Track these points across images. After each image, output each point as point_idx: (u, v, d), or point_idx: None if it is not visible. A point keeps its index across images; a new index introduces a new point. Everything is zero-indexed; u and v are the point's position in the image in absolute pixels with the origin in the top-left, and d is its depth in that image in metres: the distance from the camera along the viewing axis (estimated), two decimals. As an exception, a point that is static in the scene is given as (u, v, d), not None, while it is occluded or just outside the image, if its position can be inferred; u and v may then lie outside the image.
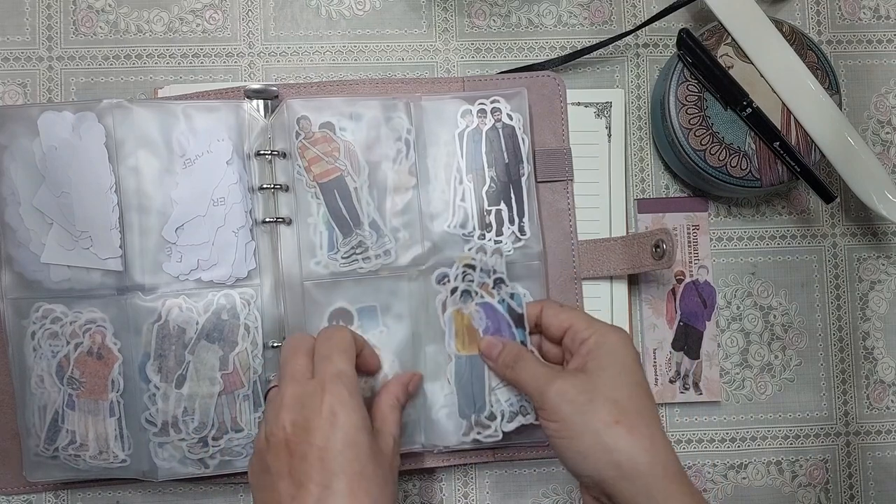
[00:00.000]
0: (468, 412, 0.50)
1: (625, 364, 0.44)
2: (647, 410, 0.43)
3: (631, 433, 0.41)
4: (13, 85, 0.57)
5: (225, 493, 0.55)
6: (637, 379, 0.44)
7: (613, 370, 0.44)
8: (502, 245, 0.53)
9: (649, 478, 0.41)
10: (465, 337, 0.51)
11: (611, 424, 0.42)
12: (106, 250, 0.51)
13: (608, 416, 0.42)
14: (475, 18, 0.59)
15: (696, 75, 0.53)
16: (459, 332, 0.51)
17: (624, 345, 0.45)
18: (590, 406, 0.42)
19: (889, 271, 0.59)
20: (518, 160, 0.54)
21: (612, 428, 0.41)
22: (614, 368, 0.44)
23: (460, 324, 0.51)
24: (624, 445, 0.41)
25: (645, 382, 0.45)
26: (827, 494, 0.58)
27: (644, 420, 0.42)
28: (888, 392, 0.59)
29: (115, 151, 0.51)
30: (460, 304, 0.51)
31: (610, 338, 0.45)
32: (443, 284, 0.52)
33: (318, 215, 0.52)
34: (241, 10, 0.58)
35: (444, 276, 0.52)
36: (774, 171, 0.53)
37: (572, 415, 0.42)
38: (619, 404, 0.42)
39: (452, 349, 0.51)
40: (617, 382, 0.43)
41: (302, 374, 0.44)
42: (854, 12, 0.60)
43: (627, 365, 0.44)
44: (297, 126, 0.52)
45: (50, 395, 0.51)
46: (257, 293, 0.52)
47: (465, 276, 0.51)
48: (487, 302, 0.50)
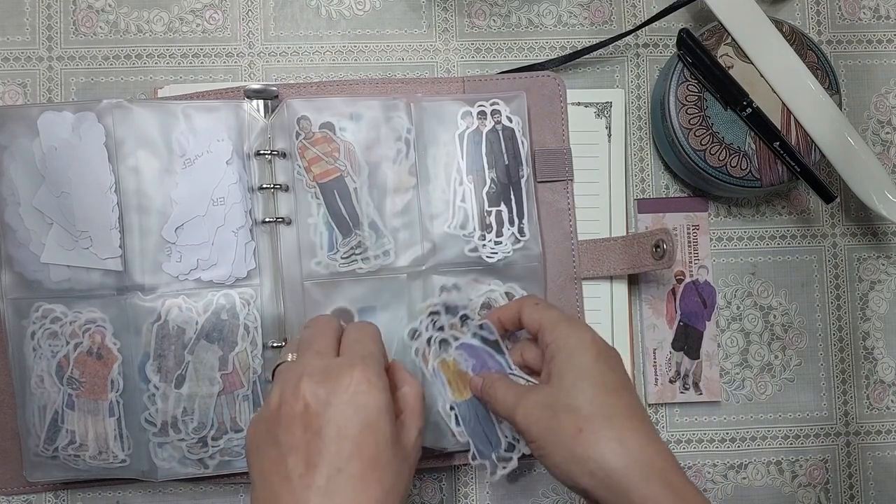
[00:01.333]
0: (487, 453, 0.48)
1: (583, 367, 0.42)
2: (615, 411, 0.41)
3: (597, 440, 0.40)
4: (13, 85, 0.57)
5: (225, 493, 0.55)
6: (599, 380, 0.42)
7: (571, 375, 0.42)
8: (486, 251, 0.53)
9: (624, 482, 0.39)
10: (458, 383, 0.49)
11: (575, 434, 0.40)
12: (106, 250, 0.51)
13: (571, 426, 0.40)
14: (475, 18, 0.59)
15: (696, 75, 0.53)
16: (452, 381, 0.49)
17: (582, 346, 0.43)
18: (554, 420, 0.41)
19: (889, 271, 0.59)
20: (518, 162, 0.54)
21: (577, 438, 0.40)
22: (572, 373, 0.42)
23: (449, 372, 0.49)
24: (592, 453, 0.39)
25: (613, 381, 0.42)
26: (827, 494, 0.58)
27: (610, 423, 0.40)
28: (888, 392, 0.59)
29: (115, 151, 0.51)
30: (442, 354, 0.49)
31: (568, 341, 0.44)
32: (415, 339, 0.51)
33: (317, 215, 0.52)
34: (241, 10, 0.58)
35: (414, 332, 0.51)
36: (774, 171, 0.53)
37: (541, 432, 0.41)
38: (580, 412, 0.41)
39: (451, 399, 0.49)
40: (576, 388, 0.42)
41: (328, 352, 0.42)
42: (854, 12, 0.60)
43: (585, 367, 0.42)
44: (298, 126, 0.52)
45: (50, 395, 0.51)
46: (257, 293, 0.52)
47: (434, 324, 0.50)
48: (464, 342, 0.49)
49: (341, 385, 0.39)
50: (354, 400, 0.39)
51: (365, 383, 0.40)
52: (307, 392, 0.39)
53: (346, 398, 0.39)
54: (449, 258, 0.53)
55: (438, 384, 0.49)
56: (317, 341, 0.43)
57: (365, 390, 0.39)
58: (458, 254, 0.53)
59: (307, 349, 0.43)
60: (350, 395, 0.39)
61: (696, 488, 0.40)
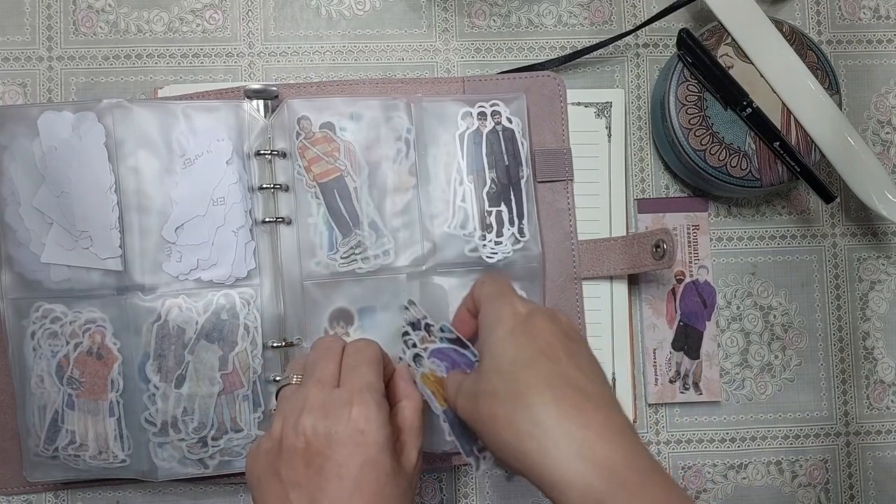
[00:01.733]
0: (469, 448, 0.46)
1: (497, 345, 0.39)
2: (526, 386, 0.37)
3: (510, 423, 0.36)
4: (13, 85, 0.57)
5: (225, 493, 0.55)
6: (512, 355, 0.38)
7: (488, 356, 0.40)
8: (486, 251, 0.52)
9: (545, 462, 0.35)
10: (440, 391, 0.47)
11: (493, 421, 0.37)
12: (106, 250, 0.51)
13: (488, 412, 0.38)
14: (475, 18, 0.59)
15: (696, 75, 0.53)
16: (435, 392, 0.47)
17: (498, 321, 0.40)
18: (476, 409, 0.39)
19: (889, 271, 0.59)
20: (518, 163, 0.54)
21: (495, 424, 0.37)
22: (488, 354, 0.40)
23: (430, 383, 0.47)
24: (508, 438, 0.36)
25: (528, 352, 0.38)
26: (827, 494, 0.58)
27: (522, 400, 0.36)
28: (888, 392, 0.59)
29: (115, 151, 0.51)
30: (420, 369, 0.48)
31: (489, 315, 0.41)
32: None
33: (318, 215, 0.52)
34: (241, 10, 0.58)
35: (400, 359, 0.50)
36: (774, 171, 0.53)
37: (474, 423, 0.39)
38: (496, 394, 0.38)
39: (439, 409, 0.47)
40: (490, 370, 0.39)
41: (328, 381, 0.42)
42: (854, 12, 0.60)
43: (500, 345, 0.39)
44: (298, 126, 0.52)
45: (50, 394, 0.51)
46: (257, 293, 0.52)
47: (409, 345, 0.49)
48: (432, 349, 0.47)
49: (340, 422, 0.40)
50: (354, 438, 0.39)
51: (363, 420, 0.40)
52: (307, 428, 0.40)
53: (346, 436, 0.39)
54: (449, 258, 0.53)
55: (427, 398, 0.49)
56: (318, 368, 0.43)
57: (363, 428, 0.39)
58: (458, 254, 0.53)
59: (309, 377, 0.43)
60: (350, 433, 0.39)
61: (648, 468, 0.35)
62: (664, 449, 0.57)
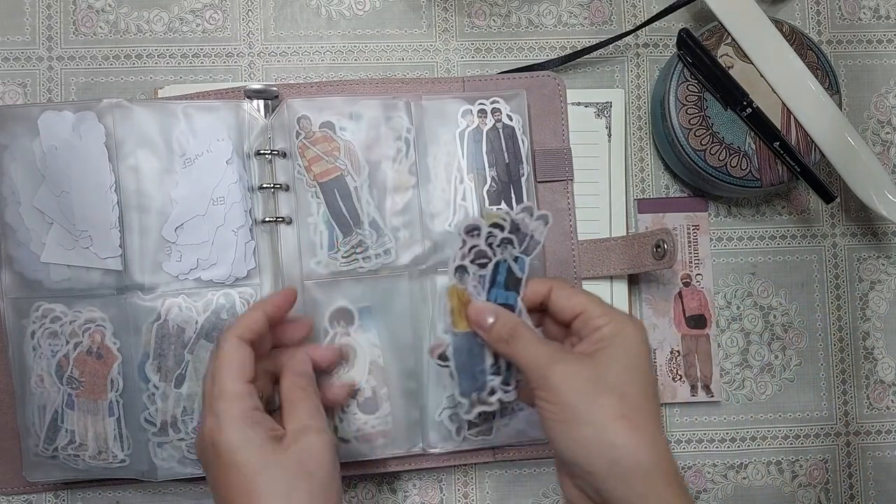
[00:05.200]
0: (468, 391, 0.46)
1: (638, 359, 0.42)
2: (654, 409, 0.41)
3: (636, 430, 0.40)
4: (13, 85, 0.57)
5: (225, 493, 0.55)
6: (648, 376, 0.42)
7: (625, 362, 0.42)
8: None
9: (648, 478, 0.39)
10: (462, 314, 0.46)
11: (616, 419, 0.40)
12: (106, 250, 0.51)
13: (613, 409, 0.40)
14: (475, 18, 0.59)
15: (696, 75, 0.53)
16: (457, 310, 0.46)
17: (640, 338, 0.43)
18: (595, 396, 0.40)
19: (889, 271, 0.59)
20: (518, 160, 0.54)
21: (617, 422, 0.40)
22: (626, 360, 0.42)
23: (456, 300, 0.46)
24: (626, 442, 0.39)
25: (655, 381, 0.43)
26: (827, 494, 0.58)
27: (649, 419, 0.40)
28: (888, 392, 0.59)
29: (115, 151, 0.51)
30: (455, 281, 0.46)
31: (626, 329, 0.43)
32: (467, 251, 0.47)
33: (318, 215, 0.52)
34: (241, 10, 0.58)
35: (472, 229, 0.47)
36: (774, 171, 0.53)
37: (576, 402, 0.40)
38: (626, 399, 0.40)
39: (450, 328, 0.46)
40: (627, 376, 0.41)
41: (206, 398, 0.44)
42: (854, 12, 0.60)
43: (641, 360, 0.42)
44: (298, 126, 0.52)
45: (49, 394, 0.51)
46: (257, 293, 0.52)
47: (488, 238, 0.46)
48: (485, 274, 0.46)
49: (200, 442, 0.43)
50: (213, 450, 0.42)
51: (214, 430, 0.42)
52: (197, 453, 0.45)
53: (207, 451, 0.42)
54: (449, 257, 0.53)
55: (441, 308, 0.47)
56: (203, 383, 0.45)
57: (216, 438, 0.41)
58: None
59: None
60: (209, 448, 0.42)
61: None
62: (664, 449, 0.57)
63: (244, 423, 0.42)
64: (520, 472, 0.57)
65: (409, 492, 0.56)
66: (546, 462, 0.56)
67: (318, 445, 0.42)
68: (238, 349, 0.43)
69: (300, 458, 0.41)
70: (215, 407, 0.42)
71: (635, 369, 0.42)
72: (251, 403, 0.42)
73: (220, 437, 0.41)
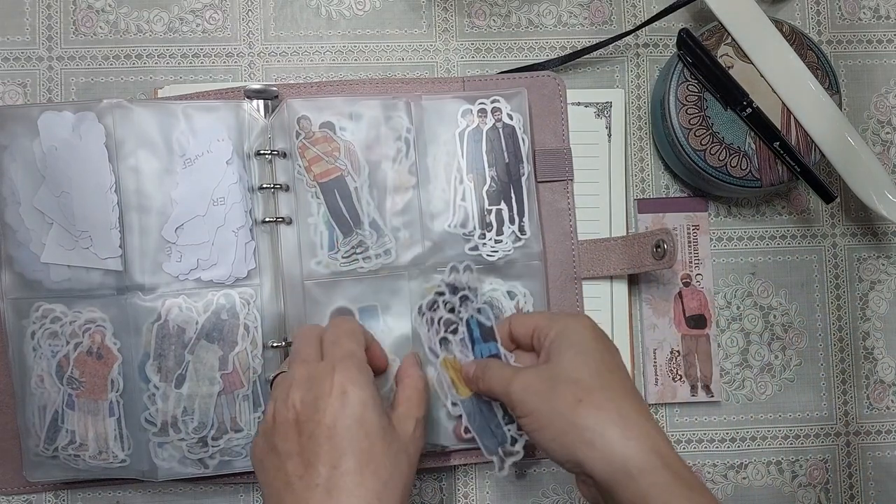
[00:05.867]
0: (493, 448, 0.48)
1: (584, 345, 0.44)
2: (615, 386, 0.42)
3: (597, 409, 0.40)
4: (13, 85, 0.57)
5: (225, 493, 0.55)
6: (598, 358, 0.43)
7: (573, 352, 0.43)
8: (486, 250, 0.53)
9: (624, 451, 0.39)
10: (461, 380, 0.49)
11: (575, 404, 0.41)
12: (106, 250, 0.51)
13: (571, 396, 0.41)
14: (475, 18, 0.59)
15: (696, 75, 0.53)
16: (455, 379, 0.49)
17: (583, 328, 0.45)
18: (553, 392, 0.42)
19: (889, 271, 0.59)
20: (518, 160, 0.54)
21: (577, 407, 0.41)
22: (574, 350, 0.43)
23: (451, 370, 0.49)
24: (591, 422, 0.40)
25: (612, 361, 0.44)
26: (827, 494, 0.58)
27: (609, 395, 0.41)
28: (888, 392, 0.59)
29: (115, 151, 0.51)
30: (443, 353, 0.50)
31: (570, 324, 0.45)
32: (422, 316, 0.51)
33: (318, 215, 0.52)
34: (241, 10, 0.58)
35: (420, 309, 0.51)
36: (774, 171, 0.53)
37: (539, 405, 0.42)
38: (580, 383, 0.42)
39: (456, 397, 0.49)
40: (577, 363, 0.43)
41: (312, 358, 0.44)
42: (854, 12, 0.60)
43: (587, 346, 0.44)
44: (298, 126, 0.52)
45: (49, 394, 0.51)
46: (257, 293, 0.52)
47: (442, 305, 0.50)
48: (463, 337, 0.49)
49: (324, 389, 0.42)
50: (339, 400, 0.41)
51: (348, 382, 0.42)
52: (296, 400, 0.42)
53: (332, 399, 0.41)
54: (449, 257, 0.53)
55: (444, 383, 0.49)
56: (302, 350, 0.45)
57: (348, 388, 0.42)
58: (458, 252, 0.53)
59: (294, 359, 0.45)
60: (335, 396, 0.41)
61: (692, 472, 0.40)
62: (664, 449, 0.57)
63: (374, 386, 0.43)
64: (519, 472, 0.57)
65: (412, 485, 0.56)
66: (546, 462, 0.57)
67: (421, 440, 0.45)
68: (360, 328, 0.47)
69: (408, 441, 0.43)
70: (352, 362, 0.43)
71: (585, 356, 0.43)
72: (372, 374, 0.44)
73: (356, 389, 0.42)
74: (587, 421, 0.40)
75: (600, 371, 0.42)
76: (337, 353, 0.44)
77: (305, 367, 0.43)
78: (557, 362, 0.43)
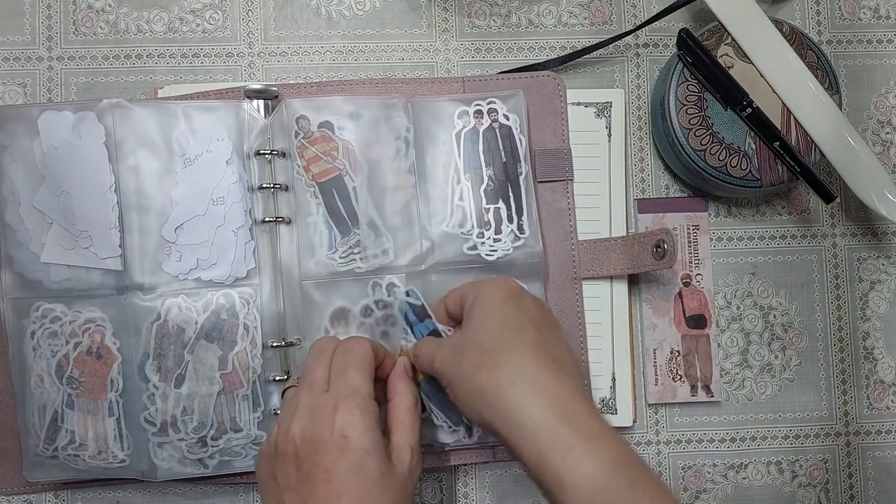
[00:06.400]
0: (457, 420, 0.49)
1: (489, 308, 0.44)
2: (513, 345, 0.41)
3: (493, 369, 0.40)
4: (13, 85, 0.57)
5: (225, 493, 0.55)
6: (503, 319, 0.43)
7: (478, 317, 0.44)
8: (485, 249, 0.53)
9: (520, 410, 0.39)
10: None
11: (477, 367, 0.41)
12: (105, 250, 0.51)
13: (474, 359, 0.41)
14: (475, 18, 0.59)
15: (696, 75, 0.53)
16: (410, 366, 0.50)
17: (493, 290, 0.45)
18: (460, 358, 0.42)
19: (889, 271, 0.59)
20: (515, 159, 0.54)
21: (479, 371, 0.41)
22: (479, 315, 0.44)
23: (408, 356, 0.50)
24: (488, 384, 0.40)
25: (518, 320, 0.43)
26: (827, 494, 0.58)
27: (507, 355, 0.41)
28: (888, 392, 0.58)
29: (115, 151, 0.51)
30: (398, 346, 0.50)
31: (482, 288, 0.45)
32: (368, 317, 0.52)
33: (317, 215, 0.52)
34: (241, 10, 0.58)
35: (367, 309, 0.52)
36: (774, 171, 0.53)
37: (452, 373, 0.42)
38: (482, 346, 0.42)
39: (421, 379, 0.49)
40: (480, 328, 0.43)
41: (319, 385, 0.43)
42: (854, 12, 0.60)
43: (492, 308, 0.44)
44: (297, 125, 0.52)
45: (49, 394, 0.51)
46: (256, 293, 0.52)
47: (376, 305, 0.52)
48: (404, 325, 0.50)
49: (325, 428, 0.41)
50: (338, 444, 0.40)
51: (348, 426, 0.41)
52: (296, 434, 0.41)
53: (331, 442, 0.40)
54: (448, 257, 0.53)
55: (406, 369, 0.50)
56: (311, 371, 0.44)
57: (347, 434, 0.41)
58: (456, 252, 0.53)
59: (303, 382, 0.44)
60: (335, 439, 0.40)
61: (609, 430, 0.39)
62: (664, 449, 0.57)
63: (377, 427, 0.42)
64: (519, 472, 0.57)
65: None
66: (546, 462, 0.56)
67: (419, 467, 0.44)
68: (370, 355, 0.45)
69: (405, 477, 0.42)
70: (356, 402, 0.42)
71: (486, 319, 0.43)
72: (377, 409, 0.43)
73: (356, 435, 0.41)
74: (486, 383, 0.40)
75: (502, 331, 0.42)
76: (342, 388, 0.42)
77: (310, 397, 0.43)
78: (466, 329, 0.44)
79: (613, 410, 0.55)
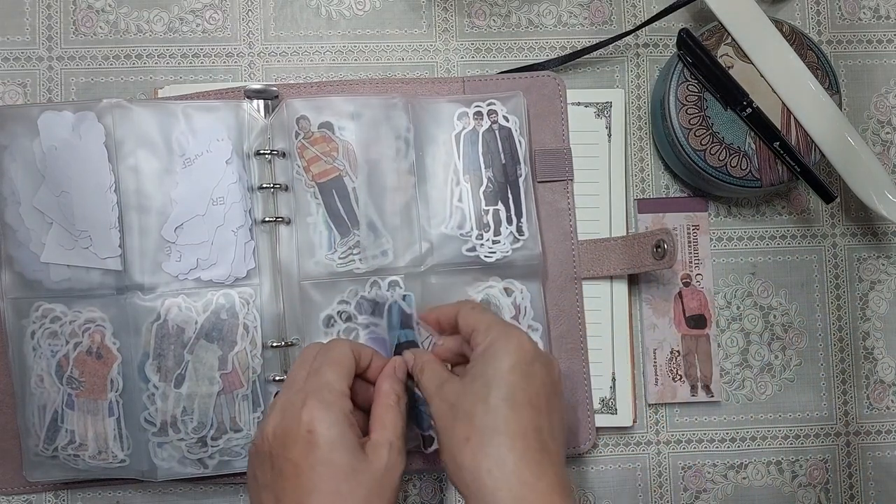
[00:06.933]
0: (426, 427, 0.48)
1: (494, 374, 0.42)
2: (506, 428, 0.40)
3: (476, 453, 0.40)
4: (13, 85, 0.57)
5: (225, 493, 0.55)
6: (505, 391, 0.41)
7: (482, 381, 0.42)
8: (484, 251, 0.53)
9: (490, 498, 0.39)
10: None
11: (463, 442, 0.40)
12: (105, 250, 0.51)
13: (462, 432, 0.41)
14: (475, 18, 0.59)
15: (696, 75, 0.53)
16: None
17: (504, 351, 0.43)
18: (451, 422, 0.42)
19: (889, 271, 0.59)
20: (515, 161, 0.54)
21: (465, 446, 0.40)
22: (483, 379, 0.42)
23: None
24: (470, 465, 0.40)
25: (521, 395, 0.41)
26: (827, 494, 0.58)
27: (496, 439, 0.40)
28: (888, 392, 0.58)
29: (115, 151, 0.51)
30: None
31: (495, 343, 0.43)
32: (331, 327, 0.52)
33: (317, 215, 0.52)
34: (241, 10, 0.58)
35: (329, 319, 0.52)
36: (774, 171, 0.53)
37: (441, 429, 0.42)
38: (473, 420, 0.41)
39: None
40: (479, 395, 0.41)
41: (296, 385, 0.43)
42: (854, 12, 0.60)
43: (497, 375, 0.42)
44: (297, 126, 0.52)
45: (49, 394, 0.51)
46: (256, 293, 0.52)
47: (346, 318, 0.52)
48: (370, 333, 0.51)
49: (293, 424, 0.41)
50: (306, 438, 0.41)
51: (315, 420, 0.41)
52: (269, 432, 0.42)
53: (298, 437, 0.41)
54: (447, 258, 0.53)
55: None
56: (292, 375, 0.45)
57: (314, 428, 0.41)
58: (455, 254, 0.53)
59: (284, 384, 0.45)
60: (302, 434, 0.41)
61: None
62: (664, 449, 0.57)
63: (346, 422, 0.42)
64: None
65: (409, 492, 0.56)
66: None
67: (399, 464, 0.43)
68: (348, 355, 0.45)
69: (381, 473, 0.42)
70: (323, 396, 0.42)
71: (488, 387, 0.42)
72: (349, 406, 0.43)
73: (323, 429, 0.41)
74: (468, 462, 0.40)
75: (500, 408, 0.41)
76: (312, 385, 0.43)
77: (285, 394, 0.43)
78: (468, 388, 0.42)
79: (613, 410, 0.55)
